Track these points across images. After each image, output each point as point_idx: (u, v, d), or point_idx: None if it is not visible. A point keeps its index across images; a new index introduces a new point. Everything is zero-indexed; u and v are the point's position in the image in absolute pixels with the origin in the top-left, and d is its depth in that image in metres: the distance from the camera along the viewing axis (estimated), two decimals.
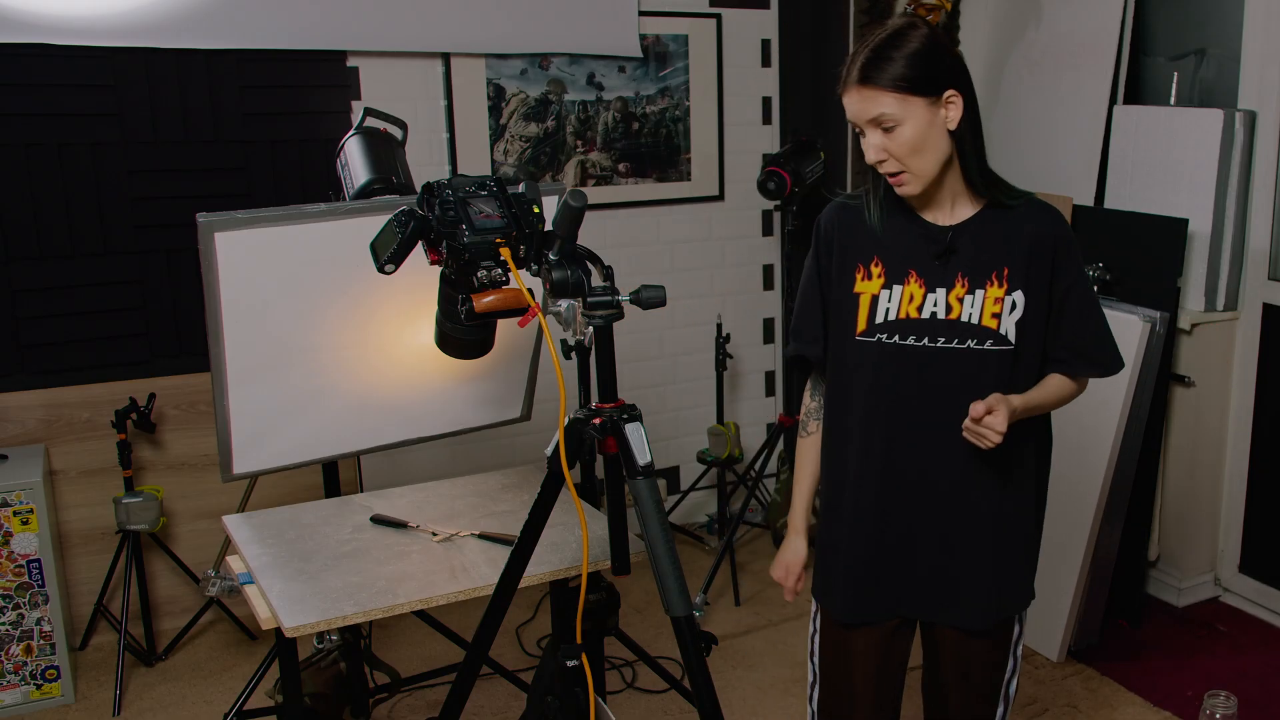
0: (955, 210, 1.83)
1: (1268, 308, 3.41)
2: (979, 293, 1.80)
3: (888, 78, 1.71)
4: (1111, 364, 1.91)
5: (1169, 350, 3.30)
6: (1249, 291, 3.45)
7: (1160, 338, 3.18)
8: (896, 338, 1.83)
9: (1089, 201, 3.74)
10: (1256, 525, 3.50)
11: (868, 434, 1.88)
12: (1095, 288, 1.96)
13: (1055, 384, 1.88)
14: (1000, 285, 1.80)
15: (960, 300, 1.81)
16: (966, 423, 1.73)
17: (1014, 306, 1.80)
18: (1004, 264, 1.80)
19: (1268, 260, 3.41)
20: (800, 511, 2.04)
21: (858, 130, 1.79)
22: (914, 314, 1.82)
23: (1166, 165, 3.49)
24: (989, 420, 1.70)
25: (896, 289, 1.83)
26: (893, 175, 1.78)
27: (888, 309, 1.84)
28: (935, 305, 1.81)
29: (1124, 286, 3.38)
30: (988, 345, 1.80)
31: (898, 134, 1.73)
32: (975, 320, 1.80)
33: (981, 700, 1.98)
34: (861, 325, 1.85)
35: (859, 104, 1.74)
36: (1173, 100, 3.62)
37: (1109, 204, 3.67)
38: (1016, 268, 1.80)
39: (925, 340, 1.82)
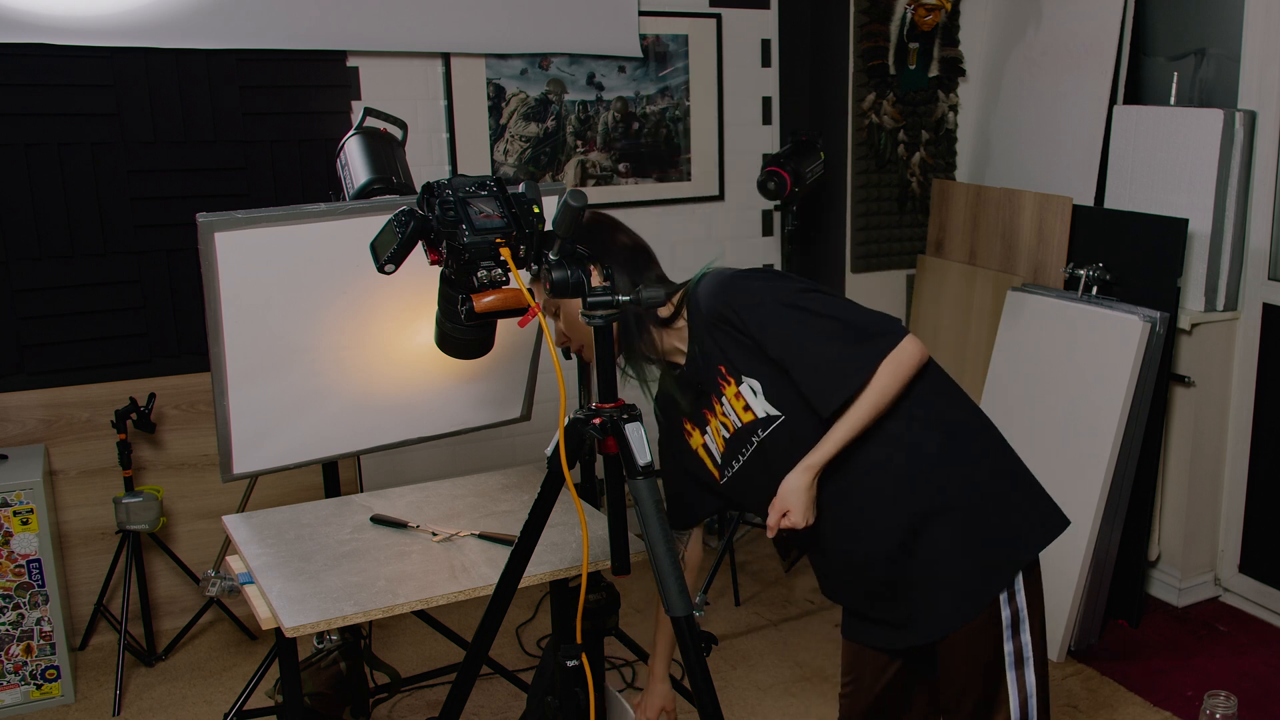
0: (679, 349, 1.96)
1: (1268, 308, 3.41)
2: (724, 401, 1.91)
3: (536, 276, 1.87)
4: (856, 371, 1.80)
5: (1169, 350, 3.30)
6: (1249, 291, 3.45)
7: (1160, 338, 3.18)
8: (733, 465, 1.97)
9: (1089, 201, 3.74)
10: (1256, 525, 3.50)
11: (781, 545, 2.09)
12: (791, 315, 1.82)
13: (852, 408, 1.82)
14: (728, 383, 1.89)
15: (724, 415, 1.93)
16: (772, 525, 1.86)
17: (754, 390, 1.87)
18: (718, 364, 1.89)
19: (1268, 260, 3.41)
20: (662, 659, 2.20)
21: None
22: (723, 447, 1.96)
23: (1166, 165, 3.49)
24: (786, 522, 1.84)
25: (707, 431, 1.97)
26: (577, 352, 2.03)
27: (715, 453, 1.98)
28: (721, 430, 1.95)
29: (1124, 286, 3.38)
30: (762, 434, 1.89)
31: (561, 318, 1.97)
32: (740, 423, 1.91)
33: (979, 691, 1.95)
34: (718, 475, 1.99)
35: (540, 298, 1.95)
36: (1173, 100, 3.62)
37: (1109, 204, 3.67)
38: (730, 360, 1.88)
39: (740, 458, 1.94)
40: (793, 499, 1.84)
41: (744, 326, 1.84)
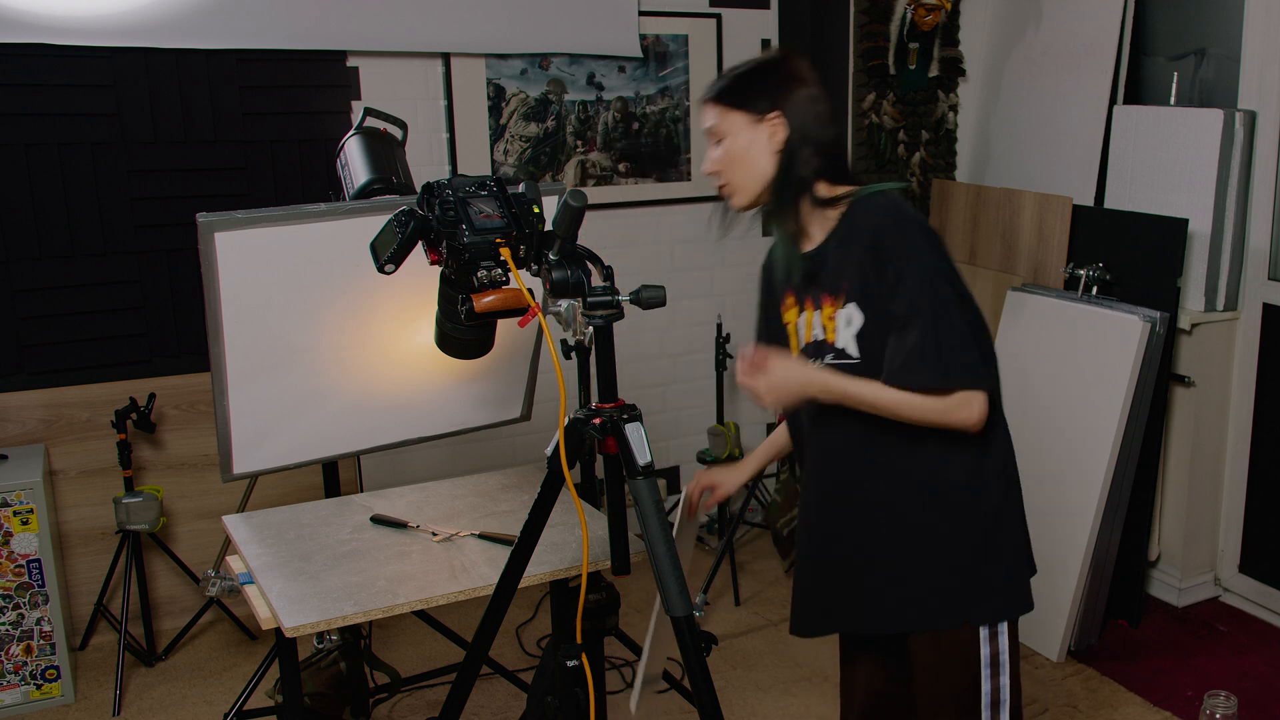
0: (817, 233, 1.90)
1: (1268, 308, 3.41)
2: (823, 310, 1.87)
3: (720, 94, 1.87)
4: (934, 375, 1.72)
5: (1169, 350, 3.30)
6: (1249, 291, 3.45)
7: (1160, 338, 3.18)
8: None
9: (1089, 201, 3.74)
10: (1256, 525, 3.50)
11: (798, 450, 2.02)
12: (935, 295, 1.72)
13: (896, 391, 1.76)
14: (836, 301, 1.84)
15: (811, 321, 1.90)
16: (741, 371, 1.83)
17: (850, 320, 1.82)
18: (844, 278, 1.83)
19: (1268, 260, 3.41)
20: (755, 459, 2.18)
21: None
22: (809, 338, 1.92)
23: (1166, 165, 3.49)
24: (750, 380, 1.81)
25: (804, 315, 1.94)
26: (720, 188, 1.92)
27: (802, 337, 1.95)
28: (815, 327, 1.91)
29: (1124, 286, 3.38)
30: (829, 359, 1.85)
31: (724, 147, 1.87)
32: (823, 337, 1.87)
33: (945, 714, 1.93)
34: (795, 352, 1.96)
35: (703, 118, 1.91)
36: (1173, 100, 3.62)
37: (1109, 204, 3.67)
38: (854, 280, 1.81)
39: (816, 361, 1.90)
40: (781, 374, 1.80)
41: (885, 263, 1.75)
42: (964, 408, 1.74)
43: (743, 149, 1.86)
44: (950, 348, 1.72)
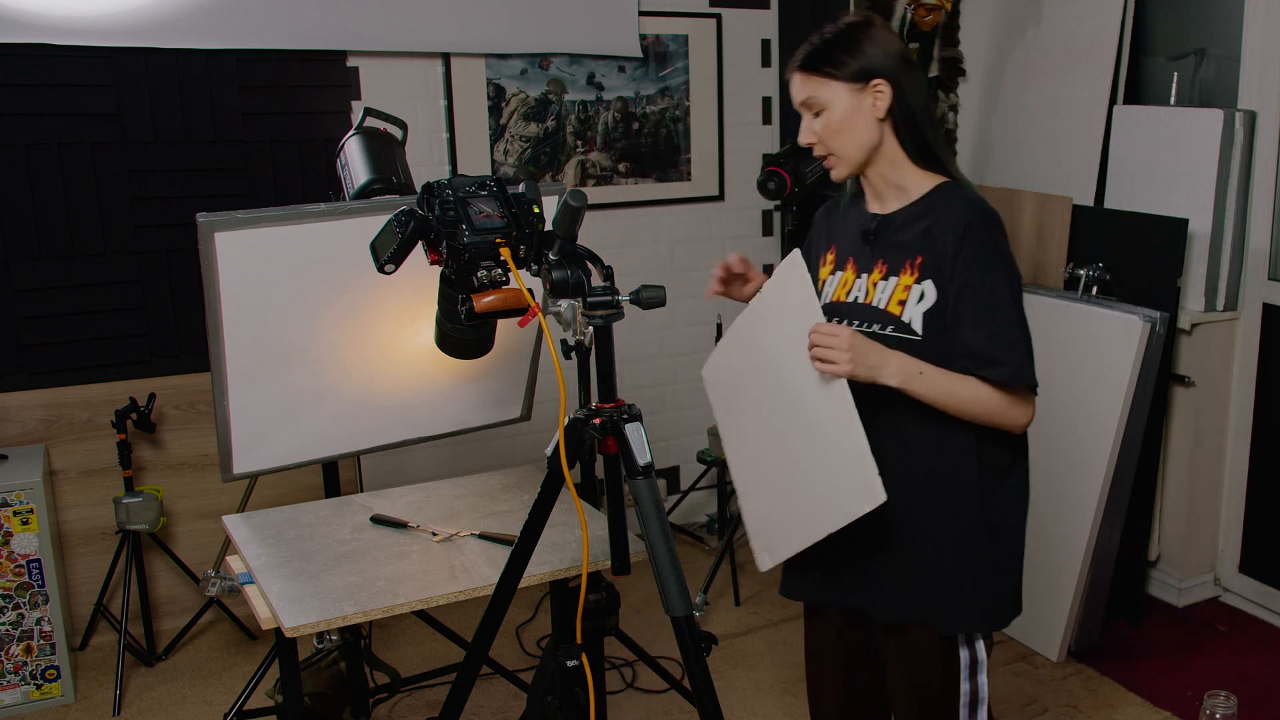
0: (892, 200, 1.88)
1: (1268, 308, 3.41)
2: (892, 279, 1.84)
3: (816, 63, 1.83)
4: (1012, 370, 1.76)
5: (1169, 350, 3.30)
6: (1249, 291, 3.45)
7: (1160, 338, 3.18)
8: (834, 320, 1.88)
9: (1089, 201, 3.74)
10: (1256, 525, 3.50)
11: None
12: (1014, 291, 1.79)
13: (968, 380, 1.78)
14: (912, 273, 1.81)
15: (875, 285, 1.86)
16: (813, 337, 1.72)
17: (922, 296, 1.80)
18: (919, 253, 1.81)
19: (1268, 260, 3.41)
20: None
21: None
22: (843, 298, 1.90)
23: (1166, 165, 3.49)
24: (828, 357, 1.70)
25: (839, 275, 1.92)
26: (823, 158, 1.88)
27: (827, 294, 1.93)
28: (859, 290, 1.88)
29: (1124, 286, 3.38)
30: (889, 331, 1.82)
31: (824, 118, 1.83)
32: (883, 305, 1.84)
33: (925, 712, 1.93)
34: None
35: (794, 88, 1.86)
36: (1173, 100, 3.62)
37: (1109, 204, 3.67)
38: (930, 258, 1.80)
39: (849, 322, 1.87)
40: (863, 346, 1.71)
41: (973, 256, 1.76)
42: (1020, 407, 1.79)
43: (845, 118, 1.82)
44: (1024, 349, 1.78)
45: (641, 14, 3.85)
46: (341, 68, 3.49)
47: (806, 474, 1.82)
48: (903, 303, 1.81)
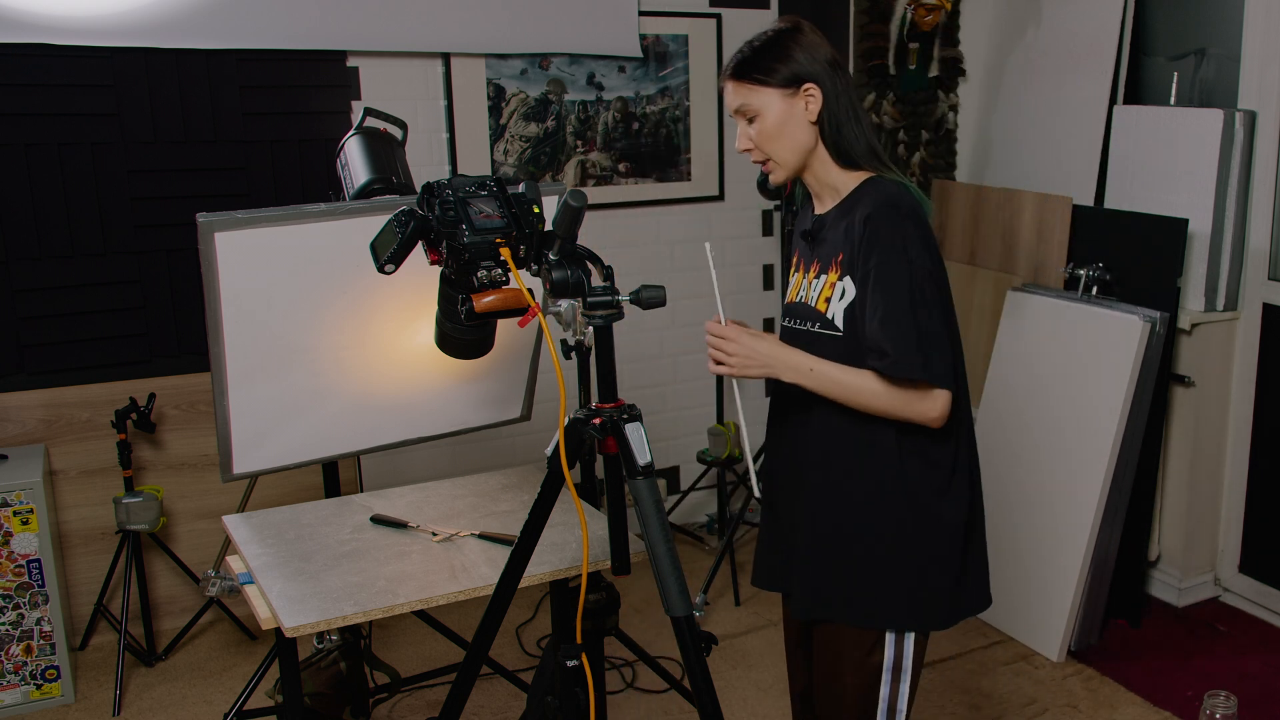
0: (828, 200, 1.92)
1: (1268, 308, 3.41)
2: (822, 278, 1.87)
3: (746, 71, 1.88)
4: (894, 361, 1.74)
5: (1169, 350, 3.30)
6: (1249, 291, 3.45)
7: (1160, 338, 3.18)
8: (786, 320, 1.98)
9: (1089, 201, 3.74)
10: (1256, 525, 3.50)
11: (775, 420, 2.05)
12: (913, 281, 1.75)
13: (862, 374, 1.78)
14: (835, 271, 1.84)
15: (811, 284, 1.90)
16: (707, 338, 1.85)
17: (844, 293, 1.82)
18: (840, 250, 1.84)
19: (1268, 260, 3.41)
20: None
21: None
22: (794, 298, 1.95)
23: (1166, 165, 3.49)
24: (721, 358, 1.83)
25: (795, 276, 1.97)
26: (761, 163, 1.91)
27: (789, 295, 1.98)
28: (804, 290, 1.93)
29: (1124, 286, 3.38)
30: (816, 328, 1.87)
31: (758, 124, 1.86)
32: (813, 303, 1.88)
33: (840, 712, 1.93)
34: (781, 316, 2.02)
35: (727, 96, 1.91)
36: (1173, 100, 3.62)
37: (1109, 204, 3.67)
38: (848, 254, 1.82)
39: (793, 322, 1.94)
40: (750, 345, 1.82)
41: (872, 246, 1.76)
42: (927, 401, 1.77)
43: (779, 124, 1.85)
44: (915, 341, 1.74)
45: (641, 14, 3.85)
46: (341, 68, 3.49)
47: None
48: (829, 300, 1.85)
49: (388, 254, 1.77)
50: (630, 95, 3.94)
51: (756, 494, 2.09)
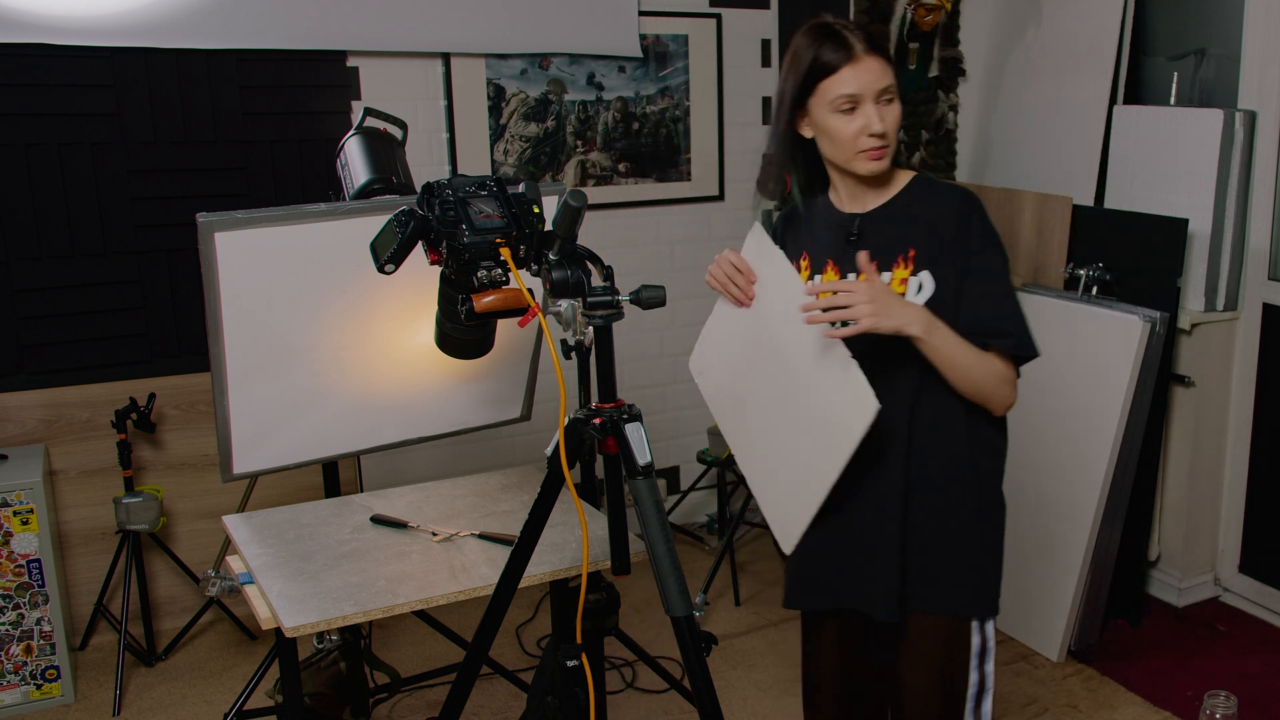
0: (869, 199, 1.88)
1: (1268, 308, 3.41)
2: (885, 275, 1.82)
3: (886, 49, 1.79)
4: (1018, 340, 1.79)
5: (1169, 350, 3.30)
6: (1249, 291, 3.45)
7: (1160, 338, 3.18)
8: None
9: (1089, 201, 3.74)
10: (1256, 525, 3.50)
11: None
12: (1007, 268, 1.85)
13: (977, 351, 1.78)
14: (906, 266, 1.81)
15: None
16: (832, 298, 1.71)
17: (920, 288, 1.80)
18: (911, 245, 1.81)
19: (1268, 260, 3.41)
20: None
21: (845, 107, 1.78)
22: None
23: (1166, 165, 3.49)
24: (843, 291, 1.70)
25: (818, 279, 1.90)
26: (876, 149, 1.79)
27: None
28: None
29: (1124, 286, 3.38)
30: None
31: (895, 106, 1.80)
32: None
33: (938, 710, 1.93)
34: None
35: (869, 74, 1.76)
36: (1173, 100, 3.62)
37: (1109, 204, 3.67)
38: (922, 249, 1.80)
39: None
40: (888, 296, 1.72)
41: (969, 235, 1.78)
42: (1011, 385, 1.82)
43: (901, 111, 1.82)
44: (1025, 323, 1.80)
45: (641, 14, 3.85)
46: (341, 68, 3.49)
47: (808, 430, 1.81)
48: (901, 296, 1.80)
49: (388, 254, 1.77)
50: (630, 95, 3.94)
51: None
